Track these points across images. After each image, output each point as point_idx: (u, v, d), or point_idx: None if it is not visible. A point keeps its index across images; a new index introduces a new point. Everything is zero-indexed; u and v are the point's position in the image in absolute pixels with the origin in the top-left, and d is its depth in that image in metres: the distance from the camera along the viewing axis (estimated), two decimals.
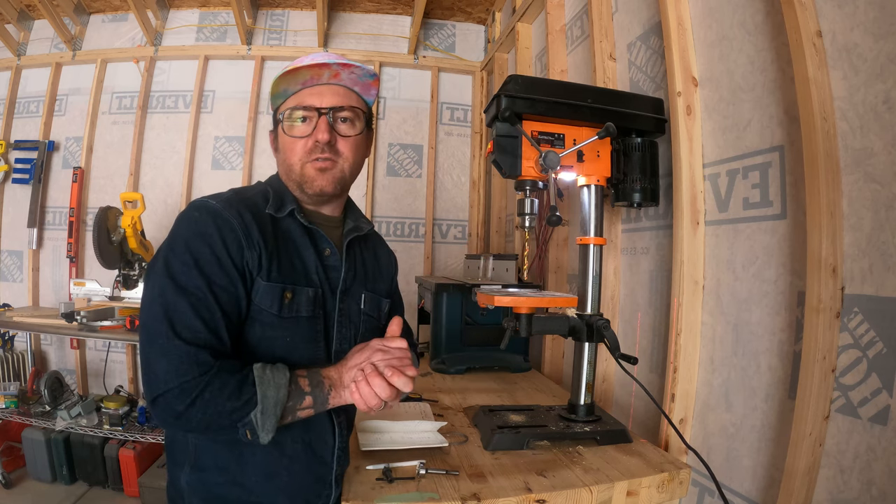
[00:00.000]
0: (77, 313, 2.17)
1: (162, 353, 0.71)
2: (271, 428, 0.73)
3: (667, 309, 1.35)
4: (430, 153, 3.16)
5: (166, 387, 0.70)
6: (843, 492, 0.88)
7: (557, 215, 1.07)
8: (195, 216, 0.80)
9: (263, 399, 0.72)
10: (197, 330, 0.72)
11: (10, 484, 2.42)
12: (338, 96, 0.88)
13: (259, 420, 0.72)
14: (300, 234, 0.89)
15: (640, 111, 1.28)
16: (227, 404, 0.71)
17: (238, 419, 0.72)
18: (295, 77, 0.85)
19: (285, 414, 0.75)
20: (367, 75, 0.90)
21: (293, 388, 0.76)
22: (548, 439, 1.14)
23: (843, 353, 0.90)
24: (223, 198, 0.83)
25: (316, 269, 0.88)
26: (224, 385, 0.71)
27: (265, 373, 0.74)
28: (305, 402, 0.77)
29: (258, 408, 0.72)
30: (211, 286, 0.75)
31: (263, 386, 0.73)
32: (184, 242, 0.77)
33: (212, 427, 0.73)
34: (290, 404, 0.75)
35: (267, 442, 0.73)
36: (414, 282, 2.55)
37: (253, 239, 0.80)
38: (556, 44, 2.07)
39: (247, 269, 0.80)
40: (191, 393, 0.69)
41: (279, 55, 3.10)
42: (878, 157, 0.85)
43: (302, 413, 0.77)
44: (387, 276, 1.08)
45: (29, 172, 2.97)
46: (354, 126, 0.89)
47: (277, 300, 0.81)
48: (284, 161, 0.89)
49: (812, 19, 0.93)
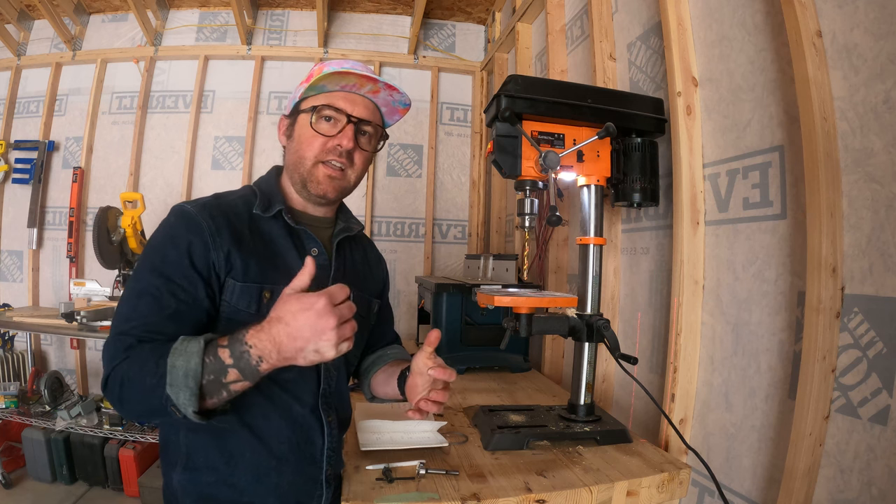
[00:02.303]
0: (77, 313, 2.17)
1: (106, 347, 0.75)
2: (187, 402, 0.67)
3: (667, 309, 1.35)
4: (430, 153, 3.16)
5: (105, 373, 0.73)
6: (843, 492, 0.88)
7: (557, 215, 1.06)
8: (170, 220, 0.83)
9: (171, 370, 0.67)
10: (145, 324, 0.74)
11: (10, 484, 2.42)
12: (367, 110, 0.91)
13: (172, 393, 0.67)
14: (283, 235, 0.89)
15: (640, 111, 1.28)
16: (146, 380, 0.69)
17: (160, 396, 0.67)
18: (340, 78, 0.87)
19: (210, 389, 0.69)
20: (402, 103, 0.93)
21: (210, 360, 0.69)
22: (548, 439, 1.14)
23: (843, 353, 0.90)
24: (200, 202, 0.85)
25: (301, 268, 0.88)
26: (144, 362, 0.70)
27: (180, 344, 0.69)
28: (230, 375, 0.69)
29: (167, 379, 0.67)
30: (168, 286, 0.77)
31: (174, 356, 0.68)
32: (155, 245, 0.81)
33: (149, 408, 0.72)
34: (212, 378, 0.68)
35: (197, 420, 0.68)
36: (414, 282, 2.56)
37: (222, 241, 0.81)
38: (556, 44, 2.07)
39: (213, 271, 0.81)
40: (119, 375, 0.71)
41: (279, 55, 3.10)
42: (878, 157, 0.85)
43: (235, 386, 0.70)
44: (378, 276, 1.10)
45: (29, 172, 2.97)
46: (371, 142, 0.93)
47: (255, 300, 0.82)
48: (297, 151, 0.90)
49: (812, 19, 0.93)
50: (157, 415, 0.72)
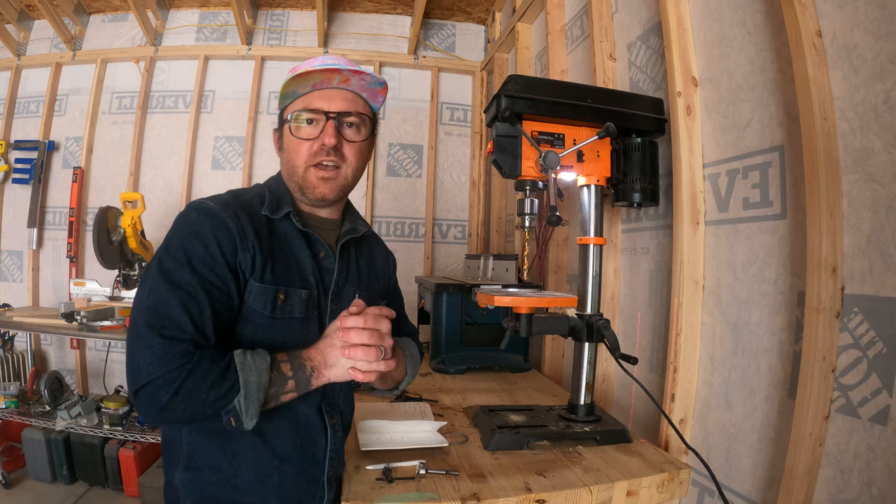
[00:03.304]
0: (77, 313, 2.17)
1: (146, 345, 0.71)
2: (255, 413, 0.74)
3: (667, 309, 1.35)
4: (430, 153, 3.16)
5: (149, 377, 0.69)
6: (843, 492, 0.88)
7: (557, 215, 1.07)
8: (192, 217, 0.81)
9: (246, 384, 0.73)
10: (183, 325, 0.73)
11: (10, 484, 2.42)
12: (346, 101, 0.88)
13: (243, 405, 0.73)
14: (296, 236, 0.89)
15: (640, 111, 1.28)
16: (210, 392, 0.71)
17: (221, 407, 0.72)
18: (305, 80, 0.85)
19: (268, 399, 0.76)
20: (376, 83, 0.90)
21: (275, 374, 0.77)
22: (548, 439, 1.14)
23: (843, 353, 0.90)
24: (221, 199, 0.84)
25: (312, 270, 0.89)
26: (206, 373, 0.71)
27: (246, 358, 0.75)
28: (288, 385, 0.78)
29: (241, 393, 0.72)
30: (202, 283, 0.76)
31: (245, 371, 0.73)
32: (179, 241, 0.78)
33: (196, 416, 0.73)
34: (273, 390, 0.76)
35: (251, 428, 0.74)
36: (414, 282, 2.55)
37: (248, 241, 0.81)
38: (556, 44, 2.07)
39: (240, 270, 0.80)
40: (174, 382, 0.69)
41: (279, 55, 3.10)
42: (878, 157, 0.85)
43: (285, 397, 0.79)
44: (382, 276, 1.09)
45: (29, 172, 2.97)
46: (360, 132, 0.91)
47: (270, 301, 0.82)
48: (288, 161, 0.90)
49: (812, 19, 0.93)
50: (204, 421, 0.74)
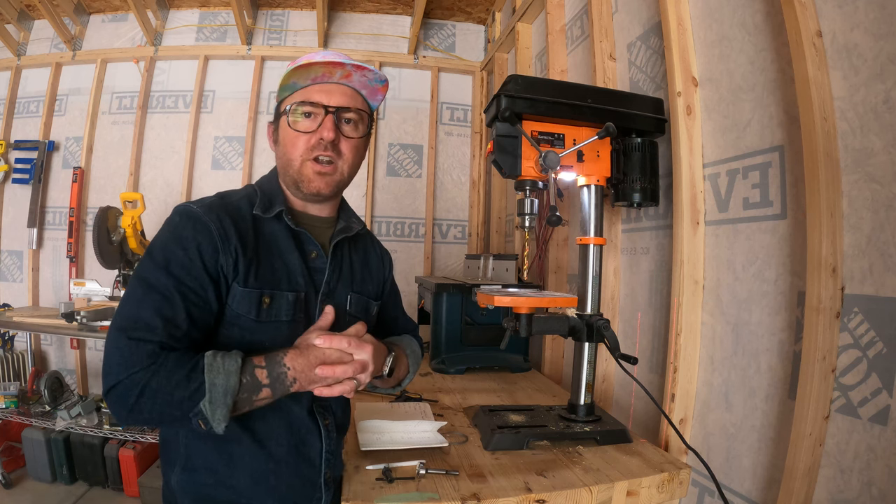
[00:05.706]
0: (77, 313, 2.17)
1: (115, 347, 0.71)
2: (222, 418, 0.71)
3: (667, 309, 1.35)
4: (430, 153, 3.16)
5: (117, 379, 0.69)
6: (843, 492, 0.88)
7: (557, 215, 1.06)
8: (175, 220, 0.81)
9: (211, 388, 0.70)
10: (154, 326, 0.72)
11: (10, 484, 2.42)
12: (346, 97, 0.88)
13: (208, 410, 0.70)
14: (285, 236, 0.88)
15: (640, 111, 1.28)
16: (175, 393, 0.69)
17: (189, 409, 0.70)
18: (307, 72, 0.85)
19: (240, 404, 0.73)
20: (377, 80, 0.90)
21: (248, 380, 0.74)
22: (548, 439, 1.14)
23: (843, 353, 0.90)
24: (205, 203, 0.83)
25: (301, 271, 0.88)
26: (171, 374, 0.70)
27: (215, 360, 0.72)
28: (263, 393, 0.75)
29: (206, 397, 0.70)
30: (178, 287, 0.75)
31: (212, 373, 0.71)
32: (160, 245, 0.79)
33: (165, 418, 0.72)
34: (245, 395, 0.73)
35: (221, 432, 0.72)
36: (414, 282, 2.55)
37: (230, 244, 0.80)
38: (556, 44, 2.07)
39: (221, 274, 0.80)
40: (138, 384, 0.68)
41: (279, 55, 3.10)
42: (878, 157, 0.85)
43: (259, 402, 0.76)
44: (377, 277, 1.07)
45: (29, 172, 2.97)
46: (357, 129, 0.90)
47: (255, 305, 0.81)
48: (284, 155, 0.89)
49: (812, 19, 0.93)
50: (173, 425, 0.73)
